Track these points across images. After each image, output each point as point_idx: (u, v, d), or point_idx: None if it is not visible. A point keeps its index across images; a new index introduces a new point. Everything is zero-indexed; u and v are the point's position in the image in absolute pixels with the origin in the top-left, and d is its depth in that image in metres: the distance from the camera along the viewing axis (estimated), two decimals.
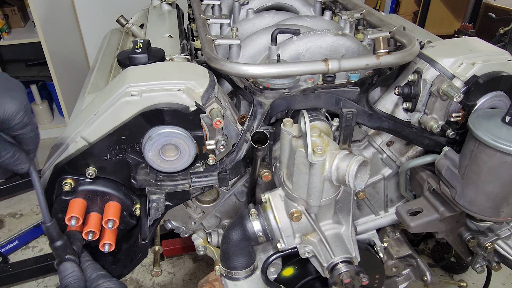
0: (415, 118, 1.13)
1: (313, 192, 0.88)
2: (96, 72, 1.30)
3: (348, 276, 0.91)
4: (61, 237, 0.82)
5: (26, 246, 2.36)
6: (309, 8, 1.51)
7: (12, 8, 2.87)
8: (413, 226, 1.10)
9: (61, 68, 2.87)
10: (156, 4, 1.65)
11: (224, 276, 1.07)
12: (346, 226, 0.99)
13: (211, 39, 1.12)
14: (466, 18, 4.06)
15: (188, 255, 2.27)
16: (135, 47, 1.03)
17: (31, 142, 0.77)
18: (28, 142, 0.76)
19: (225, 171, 0.99)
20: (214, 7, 1.48)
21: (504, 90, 1.04)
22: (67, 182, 0.89)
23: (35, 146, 0.78)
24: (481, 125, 0.93)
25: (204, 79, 0.94)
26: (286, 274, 1.15)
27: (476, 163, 0.96)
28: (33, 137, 0.76)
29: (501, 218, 1.01)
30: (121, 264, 1.03)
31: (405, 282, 1.44)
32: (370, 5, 1.44)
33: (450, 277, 2.14)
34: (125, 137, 0.89)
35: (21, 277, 2.08)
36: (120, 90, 0.88)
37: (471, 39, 1.17)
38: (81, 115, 0.97)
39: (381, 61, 0.99)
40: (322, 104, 1.03)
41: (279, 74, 0.96)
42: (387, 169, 1.22)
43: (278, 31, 1.10)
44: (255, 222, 0.97)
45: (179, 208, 1.16)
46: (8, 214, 2.58)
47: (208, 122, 0.94)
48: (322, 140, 0.88)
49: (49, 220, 0.80)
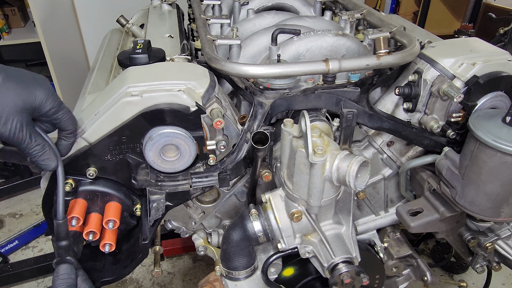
0: (415, 118, 1.13)
1: (313, 193, 0.88)
2: (96, 72, 1.30)
3: (349, 276, 0.91)
4: (67, 237, 0.83)
5: (26, 246, 2.36)
6: (310, 8, 1.51)
7: (12, 8, 2.86)
8: (413, 226, 1.10)
9: (61, 68, 2.86)
10: (156, 4, 1.65)
11: (224, 276, 1.07)
12: (346, 226, 0.99)
13: (212, 39, 1.12)
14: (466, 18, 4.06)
15: (188, 255, 2.27)
16: (136, 47, 1.03)
17: (70, 123, 0.81)
18: (67, 124, 0.81)
19: (226, 171, 0.99)
20: (214, 7, 1.48)
21: (504, 90, 1.04)
22: (68, 182, 0.90)
23: (74, 127, 0.83)
24: (481, 125, 0.93)
25: (204, 79, 0.94)
26: (286, 274, 1.15)
27: (477, 164, 0.96)
28: (70, 119, 0.81)
29: (502, 218, 1.01)
30: (121, 264, 1.03)
31: (405, 282, 1.44)
32: (370, 5, 1.44)
33: (450, 277, 2.14)
34: (126, 137, 0.89)
35: (21, 277, 2.08)
36: (121, 91, 0.88)
37: (471, 39, 1.17)
38: (82, 116, 0.97)
39: (382, 61, 0.99)
40: (322, 104, 1.03)
41: (279, 75, 0.96)
42: (388, 169, 1.22)
43: (279, 31, 1.09)
44: (256, 222, 0.97)
45: (180, 209, 1.15)
46: (8, 214, 2.58)
47: (209, 123, 0.94)
48: (322, 140, 0.88)
49: (62, 218, 0.81)
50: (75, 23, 3.22)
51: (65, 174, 0.90)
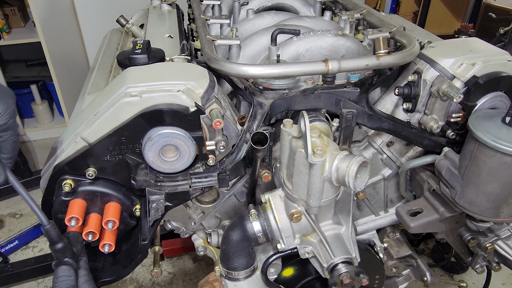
0: (415, 118, 1.13)
1: (313, 193, 0.88)
2: (96, 72, 1.30)
3: (348, 277, 0.91)
4: (61, 239, 0.82)
5: (26, 246, 2.36)
6: (309, 8, 1.51)
7: (12, 8, 2.87)
8: (413, 226, 1.10)
9: (61, 68, 2.87)
10: (156, 4, 1.65)
11: (224, 277, 1.06)
12: (346, 226, 0.99)
13: (211, 39, 1.12)
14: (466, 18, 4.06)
15: (188, 255, 2.27)
16: (135, 48, 1.03)
17: (10, 148, 0.76)
18: (7, 148, 0.76)
19: (225, 171, 0.99)
20: (214, 7, 1.48)
21: (504, 90, 1.04)
22: (67, 182, 0.90)
23: (13, 154, 0.77)
24: (481, 125, 0.93)
25: (204, 80, 0.94)
26: (286, 275, 1.15)
27: (476, 164, 0.96)
28: (12, 143, 0.76)
29: (501, 218, 1.01)
30: (121, 264, 1.03)
31: (405, 282, 1.44)
32: (370, 5, 1.44)
33: (450, 277, 2.14)
34: (125, 137, 0.89)
35: (21, 277, 2.07)
36: (120, 91, 0.88)
37: (471, 39, 1.17)
38: (81, 116, 0.97)
39: (381, 61, 0.99)
40: (322, 104, 1.03)
41: (279, 75, 0.96)
42: (387, 170, 1.22)
43: (278, 32, 1.09)
44: (255, 222, 0.97)
45: (179, 209, 1.15)
46: (8, 214, 2.58)
47: (208, 123, 0.94)
48: (322, 140, 0.88)
49: (46, 223, 0.79)
50: (75, 23, 3.22)
51: (65, 174, 0.90)
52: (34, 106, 3.18)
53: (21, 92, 3.18)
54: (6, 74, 2.99)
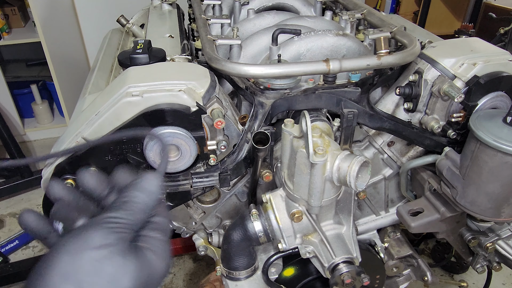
0: (416, 118, 1.13)
1: (314, 193, 0.88)
2: (97, 72, 1.30)
3: (349, 277, 0.91)
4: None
5: (26, 246, 2.36)
6: (310, 8, 1.51)
7: (12, 8, 2.86)
8: (413, 226, 1.10)
9: (61, 68, 2.86)
10: (156, 4, 1.65)
11: (225, 277, 1.07)
12: (347, 226, 0.99)
13: (212, 39, 1.12)
14: (466, 18, 4.06)
15: (188, 255, 2.27)
16: (136, 47, 1.03)
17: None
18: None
19: (226, 171, 0.99)
20: (215, 7, 1.48)
21: (505, 90, 1.04)
22: (68, 182, 0.89)
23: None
24: (482, 125, 0.93)
25: (205, 80, 0.94)
26: (287, 275, 1.15)
27: (477, 164, 0.96)
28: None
29: (502, 218, 1.01)
30: None
31: (405, 282, 1.44)
32: (370, 5, 1.44)
33: (451, 277, 2.14)
34: (126, 137, 0.89)
35: (22, 277, 2.07)
36: (121, 91, 0.88)
37: (471, 39, 1.17)
38: (82, 116, 0.97)
39: (382, 61, 0.99)
40: (323, 104, 1.03)
41: (280, 75, 0.96)
42: (388, 170, 1.22)
43: (279, 31, 1.09)
44: (256, 222, 0.97)
45: (180, 209, 1.15)
46: (8, 214, 2.58)
47: (209, 123, 0.94)
48: (323, 140, 0.88)
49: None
50: (75, 23, 3.22)
51: (66, 173, 0.90)
52: (34, 106, 3.18)
53: (21, 92, 3.17)
54: (6, 74, 2.99)
